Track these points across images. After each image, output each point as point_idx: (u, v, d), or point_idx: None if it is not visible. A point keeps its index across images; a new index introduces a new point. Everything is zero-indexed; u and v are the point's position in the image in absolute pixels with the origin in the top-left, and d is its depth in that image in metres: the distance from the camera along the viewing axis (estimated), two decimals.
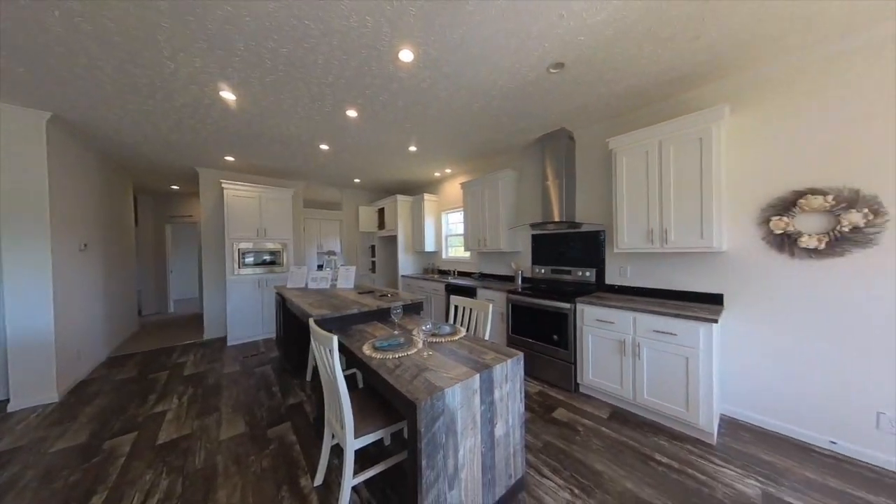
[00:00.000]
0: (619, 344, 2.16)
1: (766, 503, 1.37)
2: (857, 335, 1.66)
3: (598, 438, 1.85)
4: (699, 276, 2.22)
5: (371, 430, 1.31)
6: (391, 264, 5.75)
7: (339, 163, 3.88)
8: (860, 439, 1.65)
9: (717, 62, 1.86)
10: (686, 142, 2.04)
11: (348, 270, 3.23)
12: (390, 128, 2.78)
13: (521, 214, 3.55)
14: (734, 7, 1.43)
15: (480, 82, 2.03)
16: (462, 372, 1.24)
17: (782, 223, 1.85)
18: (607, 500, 1.40)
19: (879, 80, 1.59)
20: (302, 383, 2.64)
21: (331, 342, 1.21)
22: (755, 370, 1.98)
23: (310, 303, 2.32)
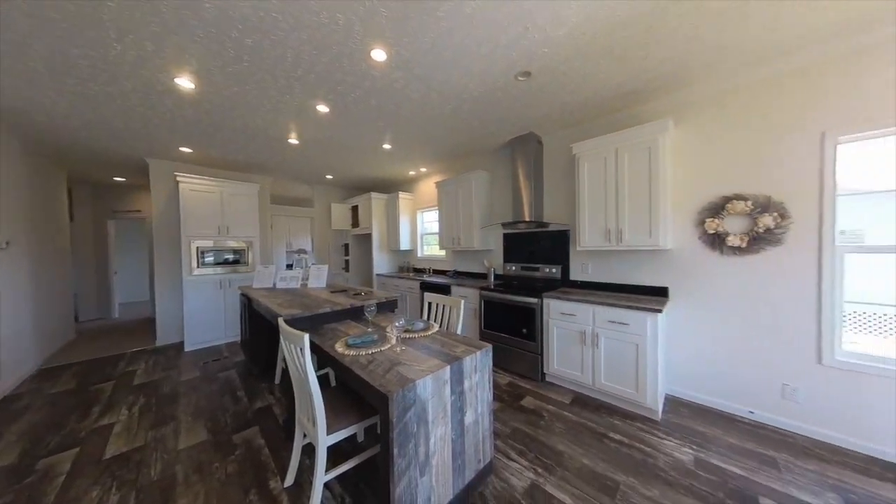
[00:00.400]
0: (580, 335, 2.35)
1: (698, 467, 1.59)
2: (768, 319, 1.96)
3: (560, 422, 2.00)
4: (649, 272, 2.46)
5: (344, 426, 1.33)
6: (366, 263, 5.66)
7: (309, 158, 3.75)
8: (770, 408, 1.95)
9: (663, 80, 2.08)
10: (638, 150, 2.26)
11: (320, 269, 3.15)
12: (363, 125, 2.75)
13: (493, 214, 3.68)
14: (672, 35, 1.61)
15: (452, 85, 2.09)
16: (433, 364, 1.29)
17: (714, 224, 2.12)
18: (567, 475, 1.53)
19: (787, 105, 1.88)
20: (270, 386, 2.55)
21: (302, 340, 1.20)
22: (693, 353, 2.25)
23: (279, 303, 2.24)
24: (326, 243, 5.68)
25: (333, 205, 5.41)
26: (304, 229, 6.86)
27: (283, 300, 2.34)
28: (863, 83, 1.67)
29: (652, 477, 1.52)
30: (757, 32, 1.61)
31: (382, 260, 5.11)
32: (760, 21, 1.53)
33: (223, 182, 3.73)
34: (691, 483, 1.48)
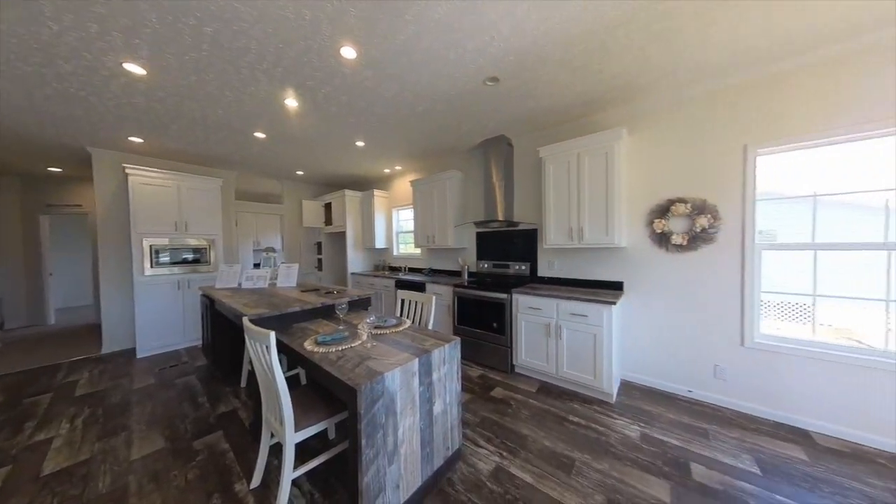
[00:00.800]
0: (545, 327, 2.50)
1: (642, 441, 1.78)
2: (703, 309, 2.22)
3: (526, 409, 2.13)
4: (607, 268, 2.68)
5: (313, 423, 1.34)
6: (339, 262, 5.54)
7: (278, 153, 3.61)
8: (705, 386, 2.22)
9: (617, 92, 2.27)
10: (596, 155, 2.44)
11: (289, 268, 3.06)
12: (335, 121, 2.71)
13: (466, 213, 3.78)
14: (622, 53, 1.78)
15: (424, 86, 2.13)
16: (403, 358, 1.34)
17: (661, 224, 2.36)
18: (529, 457, 1.65)
19: (718, 120, 2.14)
20: (236, 390, 2.45)
21: (268, 338, 1.20)
22: (645, 341, 2.48)
23: (244, 303, 2.17)
24: (298, 241, 5.48)
25: (305, 202, 5.24)
26: (273, 227, 6.54)
27: (250, 300, 2.26)
28: (777, 104, 1.95)
29: (603, 452, 1.68)
30: (691, 54, 1.82)
31: (357, 258, 5.04)
32: (692, 45, 1.73)
33: (181, 175, 3.48)
34: (636, 455, 1.66)
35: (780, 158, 2.00)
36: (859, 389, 1.75)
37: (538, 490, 1.43)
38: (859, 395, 1.75)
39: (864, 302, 1.80)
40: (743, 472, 1.53)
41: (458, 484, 1.47)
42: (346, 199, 4.79)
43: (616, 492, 1.41)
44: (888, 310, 1.74)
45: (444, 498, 1.39)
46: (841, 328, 1.90)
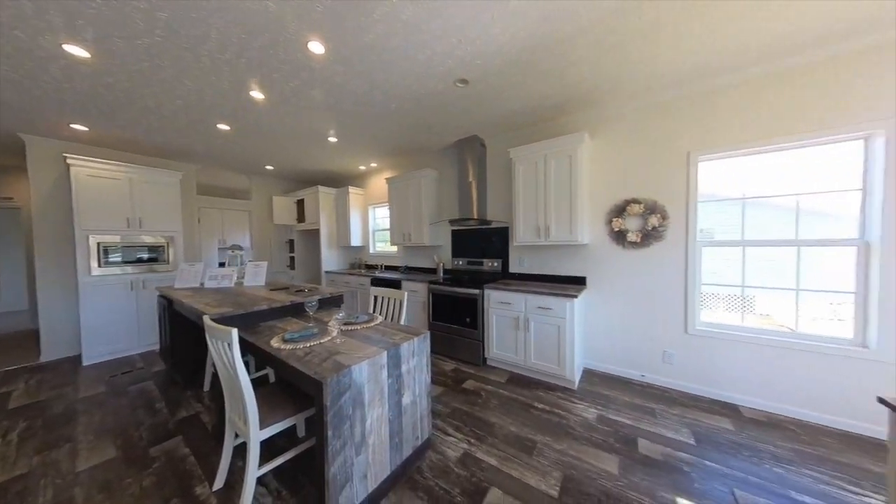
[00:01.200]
0: (514, 320, 2.62)
1: (598, 422, 1.93)
2: (654, 300, 2.44)
3: (495, 399, 2.24)
4: (572, 263, 2.85)
5: (279, 419, 1.33)
6: (313, 260, 5.39)
7: (244, 146, 3.45)
8: (655, 370, 2.44)
9: (579, 98, 2.42)
10: (561, 158, 2.59)
11: (258, 266, 2.96)
12: (305, 116, 2.65)
13: (441, 211, 3.83)
14: (580, 62, 1.91)
15: (395, 85, 2.15)
16: (371, 351, 1.37)
17: (618, 223, 2.55)
18: (495, 442, 1.75)
19: (666, 128, 2.35)
20: (198, 394, 2.34)
21: (229, 335, 1.18)
22: (605, 332, 2.68)
23: (206, 302, 2.08)
24: (267, 239, 5.27)
25: (275, 198, 5.04)
26: (241, 224, 6.21)
27: (213, 299, 2.17)
28: (714, 116, 2.18)
29: (563, 434, 1.81)
30: (640, 68, 1.99)
31: (332, 257, 4.94)
32: (641, 59, 1.90)
33: (134, 168, 3.23)
34: (592, 435, 1.81)
35: (718, 165, 2.25)
36: (777, 367, 2.02)
37: (501, 471, 1.52)
38: (777, 371, 2.02)
39: (780, 291, 2.08)
40: (681, 444, 1.72)
41: (427, 471, 1.52)
42: (319, 195, 4.67)
43: (571, 468, 1.54)
44: (797, 298, 2.02)
45: (413, 485, 1.44)
46: (764, 315, 2.18)
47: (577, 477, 1.48)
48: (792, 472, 1.50)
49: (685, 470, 1.52)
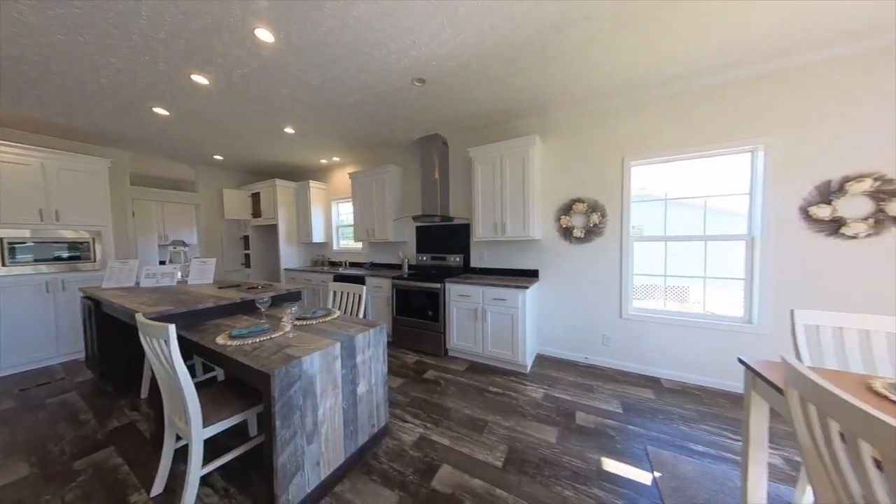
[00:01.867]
0: (473, 312, 2.76)
1: (544, 400, 2.13)
2: (595, 289, 2.72)
3: (454, 386, 2.36)
4: (526, 257, 3.06)
5: (225, 417, 1.31)
6: (270, 257, 5.12)
7: (187, 134, 3.18)
8: (597, 352, 2.73)
9: (529, 103, 2.60)
10: (515, 158, 2.76)
11: (204, 263, 2.77)
12: (257, 105, 2.53)
13: (406, 207, 3.86)
14: (526, 70, 2.06)
15: (351, 79, 2.15)
16: (324, 343, 1.39)
17: (566, 220, 2.79)
18: (450, 425, 1.86)
19: (604, 135, 2.62)
20: (134, 402, 2.16)
21: (165, 332, 1.14)
22: (554, 319, 2.92)
23: (142, 301, 1.92)
24: (218, 235, 4.89)
25: (226, 191, 4.69)
26: (186, 218, 5.70)
27: (150, 298, 2.02)
28: (644, 126, 2.47)
29: (512, 413, 1.98)
30: (580, 78, 2.21)
31: (292, 253, 4.73)
32: (580, 70, 2.10)
33: (49, 152, 2.83)
34: (537, 411, 1.99)
35: (647, 169, 2.56)
36: (689, 343, 2.37)
37: (453, 450, 1.63)
38: (689, 347, 2.37)
39: (693, 279, 2.44)
40: (610, 413, 1.97)
41: (383, 456, 1.59)
42: (277, 188, 4.45)
43: (516, 441, 1.70)
44: (704, 285, 2.39)
45: (368, 469, 1.50)
46: (682, 299, 2.54)
47: (520, 448, 1.64)
48: (693, 428, 1.80)
49: (611, 434, 1.76)
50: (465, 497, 1.33)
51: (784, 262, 2.08)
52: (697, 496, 1.31)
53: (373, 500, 1.32)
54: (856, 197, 1.87)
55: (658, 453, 1.58)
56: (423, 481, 1.42)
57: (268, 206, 4.60)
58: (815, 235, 1.99)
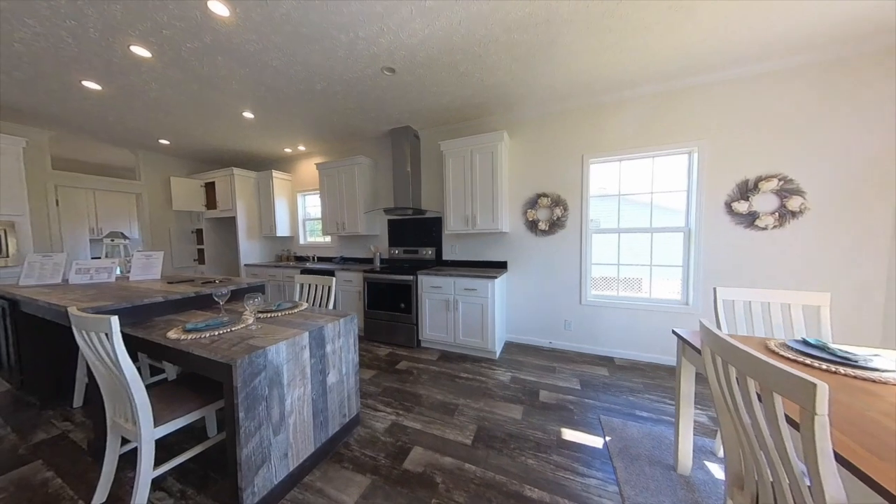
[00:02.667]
0: (445, 302, 2.83)
1: (511, 382, 2.26)
2: (558, 278, 2.91)
3: (426, 375, 2.40)
4: (495, 249, 3.18)
5: (179, 415, 1.23)
6: (228, 252, 4.77)
7: (128, 113, 2.85)
8: (559, 337, 2.94)
9: (498, 100, 2.69)
10: (485, 153, 2.85)
11: (149, 257, 2.52)
12: (210, 84, 2.34)
13: (377, 200, 3.80)
14: (494, 68, 2.14)
15: (317, 64, 2.07)
16: (290, 333, 1.36)
17: (532, 213, 2.94)
18: (422, 410, 1.91)
19: (566, 134, 2.80)
20: (65, 412, 1.93)
21: (107, 324, 1.04)
22: (521, 308, 3.08)
23: (74, 298, 1.71)
24: (165, 228, 4.44)
25: (175, 179, 4.26)
26: (124, 209, 5.12)
27: (83, 295, 1.80)
28: (601, 127, 2.68)
29: (481, 395, 2.08)
30: (544, 79, 2.33)
31: (254, 248, 4.45)
32: (545, 71, 2.23)
33: None
34: (504, 392, 2.11)
35: (604, 167, 2.78)
36: (638, 325, 2.64)
37: (425, 433, 1.68)
38: (638, 328, 2.64)
39: (641, 267, 2.72)
40: (570, 389, 2.14)
41: (354, 444, 1.59)
42: (235, 178, 4.14)
43: (485, 420, 1.79)
44: (650, 272, 2.67)
45: (339, 458, 1.49)
46: (633, 285, 2.81)
47: (488, 426, 1.74)
48: (638, 398, 2.03)
49: (570, 408, 1.92)
50: (435, 473, 1.39)
51: (713, 251, 2.39)
52: (640, 453, 1.49)
53: (344, 486, 1.33)
54: (766, 194, 2.20)
55: (609, 421, 1.76)
56: (395, 464, 1.45)
57: (225, 197, 4.26)
58: (736, 227, 2.31)
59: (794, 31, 1.80)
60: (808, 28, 1.77)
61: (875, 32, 1.82)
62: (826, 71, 2.04)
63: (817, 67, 2.05)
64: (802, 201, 2.12)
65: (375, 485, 1.33)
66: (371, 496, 1.27)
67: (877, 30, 1.80)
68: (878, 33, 1.83)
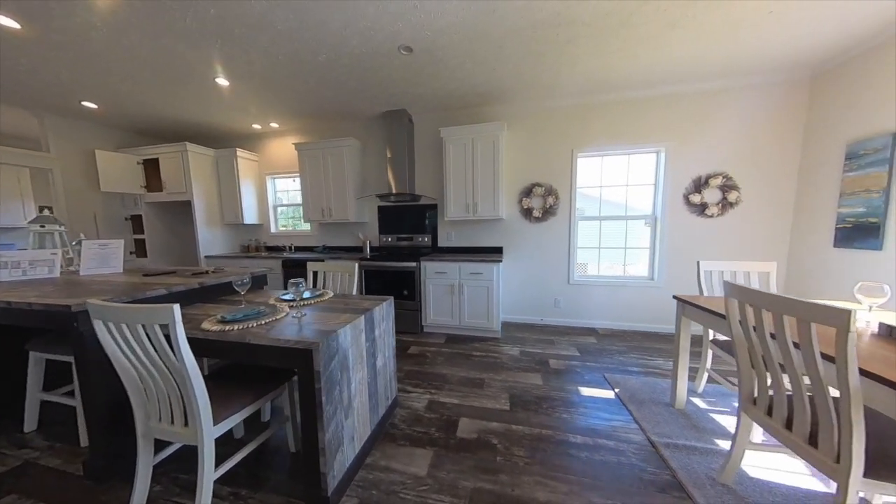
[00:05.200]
0: (450, 287, 2.91)
1: (521, 356, 2.48)
2: (548, 261, 3.21)
3: (441, 357, 2.48)
4: (492, 235, 3.34)
5: (236, 410, 1.13)
6: (178, 243, 4.10)
7: (47, 64, 2.23)
8: (550, 314, 3.27)
9: (505, 90, 2.80)
10: (487, 142, 2.95)
11: (104, 246, 2.08)
12: (187, 41, 1.97)
13: (366, 185, 3.65)
14: (507, 61, 2.23)
15: (331, 33, 1.91)
16: (346, 318, 1.32)
17: (527, 202, 3.17)
18: (452, 387, 2.00)
19: (558, 128, 3.05)
20: (18, 439, 1.55)
21: (169, 313, 0.91)
22: (515, 290, 3.33)
23: (36, 295, 1.37)
24: (89, 214, 3.61)
25: (101, 153, 3.46)
26: (18, 189, 4.01)
27: (39, 292, 1.45)
28: (589, 124, 2.98)
29: (500, 369, 2.25)
30: (547, 76, 2.51)
31: (214, 238, 3.90)
32: (549, 69, 2.40)
33: None
34: (519, 364, 2.32)
35: (589, 160, 3.11)
36: (615, 299, 3.09)
37: (464, 405, 1.79)
38: (616, 302, 3.09)
39: (618, 249, 3.16)
40: (571, 356, 2.45)
41: (400, 424, 1.62)
42: (189, 156, 3.53)
43: (513, 388, 1.97)
44: (625, 253, 3.13)
45: (392, 438, 1.52)
46: (614, 266, 3.25)
47: (518, 393, 1.91)
48: (626, 358, 2.42)
49: (578, 370, 2.21)
50: (489, 437, 1.51)
51: (673, 234, 2.90)
52: (644, 398, 1.82)
53: (408, 460, 1.37)
54: (713, 189, 2.74)
55: (612, 377, 2.09)
56: (449, 435, 1.53)
57: (174, 178, 3.62)
58: (691, 215, 2.84)
59: (750, 56, 2.26)
60: (755, 55, 2.24)
61: (793, 66, 2.39)
62: (761, 93, 2.59)
63: (755, 89, 2.60)
64: (738, 195, 2.70)
65: (438, 455, 1.40)
66: (440, 465, 1.34)
67: (794, 64, 2.36)
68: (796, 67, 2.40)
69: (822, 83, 2.41)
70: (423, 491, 1.21)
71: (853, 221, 2.13)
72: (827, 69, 2.34)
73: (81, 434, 1.48)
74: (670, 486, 1.21)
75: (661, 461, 1.33)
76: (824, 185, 2.37)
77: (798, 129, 2.56)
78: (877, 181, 1.97)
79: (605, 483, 1.23)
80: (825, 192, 2.36)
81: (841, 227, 2.22)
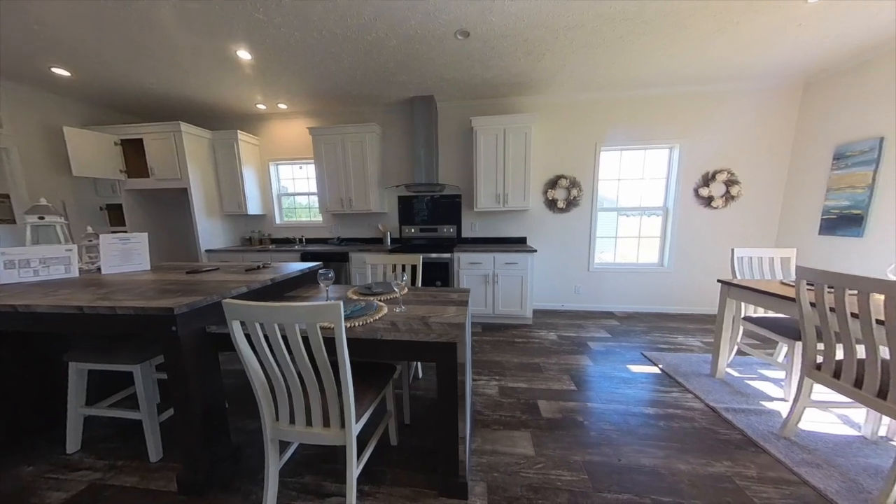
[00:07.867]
0: (484, 277, 2.96)
1: (560, 339, 2.63)
2: (570, 250, 3.38)
3: (487, 345, 2.55)
4: (516, 226, 3.42)
5: (367, 407, 1.11)
6: (168, 237, 3.68)
7: (15, 20, 1.83)
8: (571, 300, 3.46)
9: (539, 82, 2.81)
10: (518, 133, 2.97)
11: (126, 241, 1.83)
12: (212, 7, 1.73)
13: (385, 174, 3.51)
14: (554, 52, 2.25)
15: (391, 12, 1.79)
16: (454, 311, 1.32)
17: (552, 193, 3.27)
18: (514, 373, 2.08)
19: (584, 123, 3.16)
20: (62, 460, 1.36)
21: (335, 311, 0.85)
22: (539, 277, 3.46)
23: (90, 298, 1.19)
24: (57, 202, 3.09)
25: (70, 130, 2.95)
26: None
27: (91, 295, 1.26)
28: (612, 120, 3.12)
29: (547, 352, 2.37)
30: (584, 70, 2.57)
31: (214, 230, 3.54)
32: (588, 64, 2.46)
33: None
34: (562, 347, 2.46)
35: (611, 154, 3.27)
36: (630, 284, 3.35)
37: (535, 388, 1.88)
38: (631, 286, 3.35)
39: (633, 239, 3.40)
40: (604, 338, 2.64)
41: (485, 411, 1.67)
42: (184, 137, 3.14)
43: (570, 370, 2.10)
44: (638, 244, 3.39)
45: (483, 424, 1.56)
46: (628, 254, 3.50)
47: (577, 374, 2.05)
48: (652, 336, 2.67)
49: (618, 351, 2.40)
50: (573, 415, 1.62)
51: (683, 225, 3.19)
52: (686, 371, 2.04)
53: (511, 443, 1.43)
54: (719, 183, 3.04)
55: (651, 354, 2.30)
56: (536, 416, 1.62)
57: (164, 161, 3.20)
58: (699, 207, 3.13)
59: (764, 63, 2.49)
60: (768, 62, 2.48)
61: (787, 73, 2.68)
62: (760, 96, 2.89)
63: (756, 93, 2.88)
64: (739, 188, 3.02)
65: (535, 435, 1.48)
66: (543, 444, 1.42)
67: (795, 72, 2.65)
68: (790, 73, 2.70)
69: (813, 90, 2.74)
70: (540, 469, 1.28)
71: (838, 213, 2.51)
72: (821, 78, 2.67)
73: (151, 448, 1.34)
74: (744, 443, 1.40)
75: (727, 423, 1.53)
76: (813, 182, 2.74)
77: (791, 130, 2.91)
78: (862, 179, 2.33)
79: (691, 446, 1.39)
80: (813, 188, 2.73)
81: (826, 218, 2.60)
